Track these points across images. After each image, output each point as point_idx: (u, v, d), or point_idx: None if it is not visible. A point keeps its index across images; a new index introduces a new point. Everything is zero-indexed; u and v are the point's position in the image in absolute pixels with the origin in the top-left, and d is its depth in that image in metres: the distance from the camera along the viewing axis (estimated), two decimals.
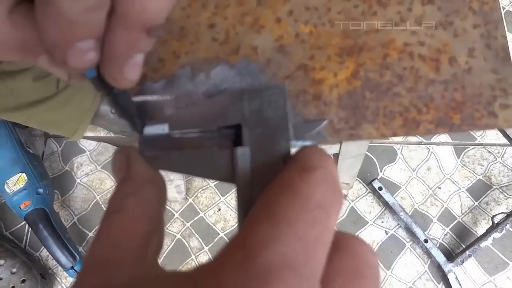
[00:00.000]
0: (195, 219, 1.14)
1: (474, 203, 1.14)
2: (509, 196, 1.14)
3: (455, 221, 1.13)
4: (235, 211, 1.14)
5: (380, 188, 1.11)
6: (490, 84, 0.26)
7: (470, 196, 1.15)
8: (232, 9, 0.27)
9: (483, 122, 0.26)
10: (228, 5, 0.27)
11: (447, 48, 0.27)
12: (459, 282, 1.02)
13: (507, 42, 0.27)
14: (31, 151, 1.10)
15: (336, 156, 0.98)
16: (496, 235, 1.02)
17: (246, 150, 0.21)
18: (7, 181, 1.02)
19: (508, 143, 1.02)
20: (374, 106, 0.26)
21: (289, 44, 0.26)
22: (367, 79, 0.26)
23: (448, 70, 0.26)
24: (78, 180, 1.19)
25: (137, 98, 0.26)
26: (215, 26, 0.26)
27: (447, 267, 1.03)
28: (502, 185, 1.16)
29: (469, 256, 1.02)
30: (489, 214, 1.12)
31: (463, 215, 1.13)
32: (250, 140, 0.22)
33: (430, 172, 1.18)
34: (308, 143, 0.25)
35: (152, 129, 0.24)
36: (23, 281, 0.99)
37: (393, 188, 1.16)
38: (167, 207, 1.15)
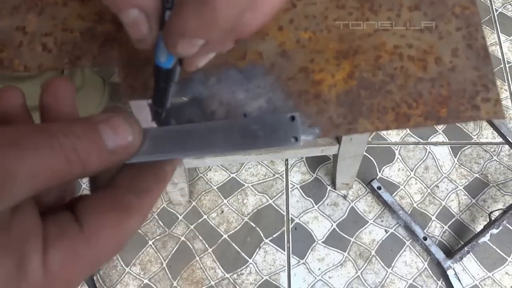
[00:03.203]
0: (198, 221, 1.17)
1: (471, 200, 1.17)
2: (506, 193, 1.17)
3: (453, 219, 1.15)
4: (237, 213, 1.17)
5: (379, 188, 1.14)
6: (473, 80, 0.29)
7: (467, 194, 1.18)
8: None
9: (467, 115, 0.29)
10: None
11: (433, 49, 0.30)
12: (458, 278, 1.05)
13: (486, 42, 0.30)
14: None
15: (335, 157, 1.01)
16: (494, 231, 1.05)
17: None
18: None
19: (504, 141, 1.05)
20: (369, 103, 0.29)
21: (291, 49, 0.29)
22: (362, 78, 0.29)
23: (434, 69, 0.29)
24: (83, 185, 1.22)
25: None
26: None
27: (447, 263, 1.05)
28: (499, 183, 1.19)
29: (468, 252, 1.05)
30: (487, 211, 1.15)
31: (461, 213, 1.16)
32: None
33: (427, 171, 1.21)
34: (310, 138, 0.28)
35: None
36: None
37: (392, 187, 1.19)
38: (172, 210, 1.17)
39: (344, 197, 1.18)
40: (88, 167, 0.20)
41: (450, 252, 1.10)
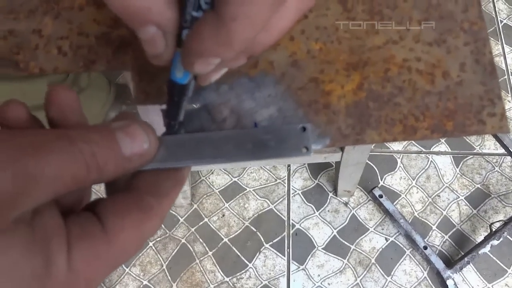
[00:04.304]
0: (199, 224, 1.17)
1: (472, 211, 1.17)
2: (507, 205, 1.17)
3: (454, 229, 1.15)
4: (238, 217, 1.17)
5: (381, 196, 1.14)
6: (479, 95, 0.30)
7: (468, 204, 1.18)
8: None
9: (473, 129, 0.29)
10: None
11: (441, 63, 0.30)
12: None
13: (493, 57, 0.30)
14: None
15: (338, 164, 1.02)
16: (494, 242, 1.05)
17: None
18: None
19: (506, 152, 1.06)
20: (377, 114, 0.29)
21: (301, 59, 0.30)
22: (371, 90, 0.29)
23: (442, 82, 0.30)
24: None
25: (165, 107, 0.29)
26: None
27: (446, 273, 1.05)
28: (500, 194, 1.19)
29: (468, 263, 1.05)
30: (487, 222, 1.15)
31: (462, 223, 1.16)
32: None
33: (429, 180, 1.21)
34: (319, 147, 0.28)
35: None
36: None
37: (393, 196, 1.19)
38: (173, 212, 1.18)
39: (346, 204, 1.18)
40: (104, 173, 0.20)
41: (450, 262, 1.10)
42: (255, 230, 1.16)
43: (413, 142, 1.26)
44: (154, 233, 0.23)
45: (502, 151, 1.20)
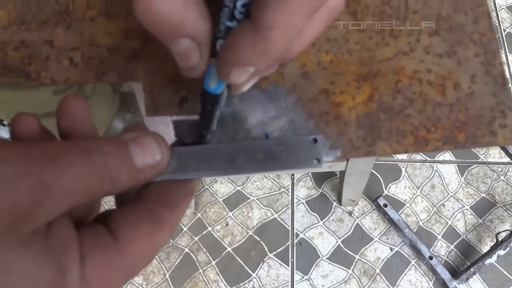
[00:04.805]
0: (203, 233, 1.17)
1: (478, 220, 1.17)
2: None
3: (460, 238, 1.15)
4: (242, 226, 1.17)
5: (385, 205, 1.14)
6: (490, 106, 0.30)
7: (474, 213, 1.17)
8: None
9: (484, 140, 0.29)
10: None
11: (451, 74, 0.30)
12: None
13: (504, 69, 0.30)
14: None
15: (343, 173, 1.01)
16: (501, 252, 1.04)
17: None
18: None
19: (511, 161, 1.05)
20: (388, 126, 0.29)
21: (312, 70, 0.30)
22: (382, 102, 0.29)
23: (453, 94, 0.30)
24: None
25: (177, 118, 0.29)
26: None
27: (452, 284, 1.04)
28: (506, 203, 1.18)
29: (474, 273, 1.04)
30: (493, 232, 1.14)
31: (467, 233, 1.15)
32: None
33: (434, 189, 1.21)
34: (330, 159, 0.28)
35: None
36: None
37: (398, 205, 1.19)
38: None
39: (350, 213, 1.18)
40: (117, 184, 0.20)
41: (456, 272, 1.09)
42: (258, 239, 1.15)
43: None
44: (165, 243, 0.23)
45: (508, 160, 1.20)
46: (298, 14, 0.20)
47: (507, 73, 1.37)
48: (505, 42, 1.42)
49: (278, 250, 1.14)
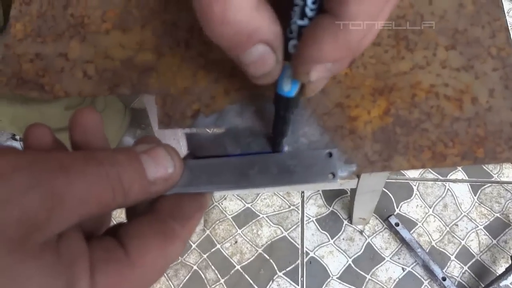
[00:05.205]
0: (212, 251, 1.15)
1: (492, 241, 1.14)
2: None
3: (473, 259, 1.12)
4: (251, 244, 1.15)
5: (397, 224, 1.12)
6: (510, 121, 0.29)
7: (488, 234, 1.15)
8: None
9: (504, 156, 0.28)
10: None
11: (469, 89, 0.30)
12: None
13: None
14: None
15: (353, 190, 1.00)
16: None
17: None
18: None
19: None
20: (405, 140, 0.28)
21: (327, 84, 0.29)
22: (398, 116, 0.29)
23: (471, 108, 0.29)
24: None
25: (189, 131, 0.29)
26: None
27: None
28: None
29: None
30: (508, 253, 1.12)
31: (481, 253, 1.13)
32: None
33: (446, 209, 1.19)
34: (345, 174, 0.27)
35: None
36: None
37: (409, 224, 1.17)
38: None
39: (361, 232, 1.16)
40: (129, 197, 0.20)
41: None
42: (268, 257, 1.14)
43: (429, 169, 1.24)
44: (177, 257, 0.22)
45: None
46: (377, 2, 0.20)
47: None
48: None
49: (287, 269, 1.12)
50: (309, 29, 0.21)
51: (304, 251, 1.14)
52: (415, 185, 1.22)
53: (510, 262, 1.04)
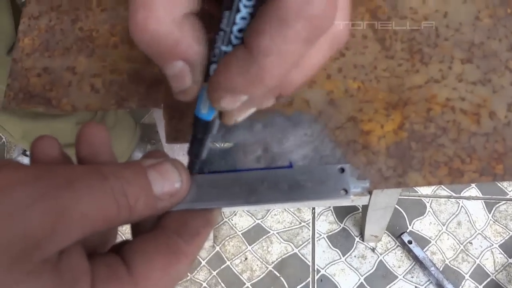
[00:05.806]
0: (221, 267, 1.14)
1: (507, 260, 1.11)
2: None
3: (489, 279, 1.09)
4: (261, 261, 1.14)
5: (410, 242, 1.09)
6: None
7: (503, 252, 1.12)
8: None
9: None
10: None
11: (486, 103, 0.29)
12: None
13: None
14: None
15: (366, 207, 0.98)
16: None
17: None
18: None
19: None
20: (420, 156, 0.27)
21: (339, 98, 0.29)
22: (413, 131, 0.28)
23: (488, 123, 0.28)
24: None
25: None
26: None
27: None
28: None
29: None
30: None
31: (496, 273, 1.10)
32: None
33: (460, 226, 1.16)
34: (358, 190, 0.26)
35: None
36: None
37: (422, 242, 1.14)
38: None
39: (373, 249, 1.14)
40: (134, 212, 0.19)
41: None
42: (278, 275, 1.12)
43: (442, 186, 1.22)
44: (184, 276, 0.21)
45: None
46: (295, 41, 0.19)
47: None
48: None
49: (298, 287, 1.10)
50: (226, 56, 0.21)
51: (315, 269, 1.12)
52: (428, 202, 1.20)
53: None
